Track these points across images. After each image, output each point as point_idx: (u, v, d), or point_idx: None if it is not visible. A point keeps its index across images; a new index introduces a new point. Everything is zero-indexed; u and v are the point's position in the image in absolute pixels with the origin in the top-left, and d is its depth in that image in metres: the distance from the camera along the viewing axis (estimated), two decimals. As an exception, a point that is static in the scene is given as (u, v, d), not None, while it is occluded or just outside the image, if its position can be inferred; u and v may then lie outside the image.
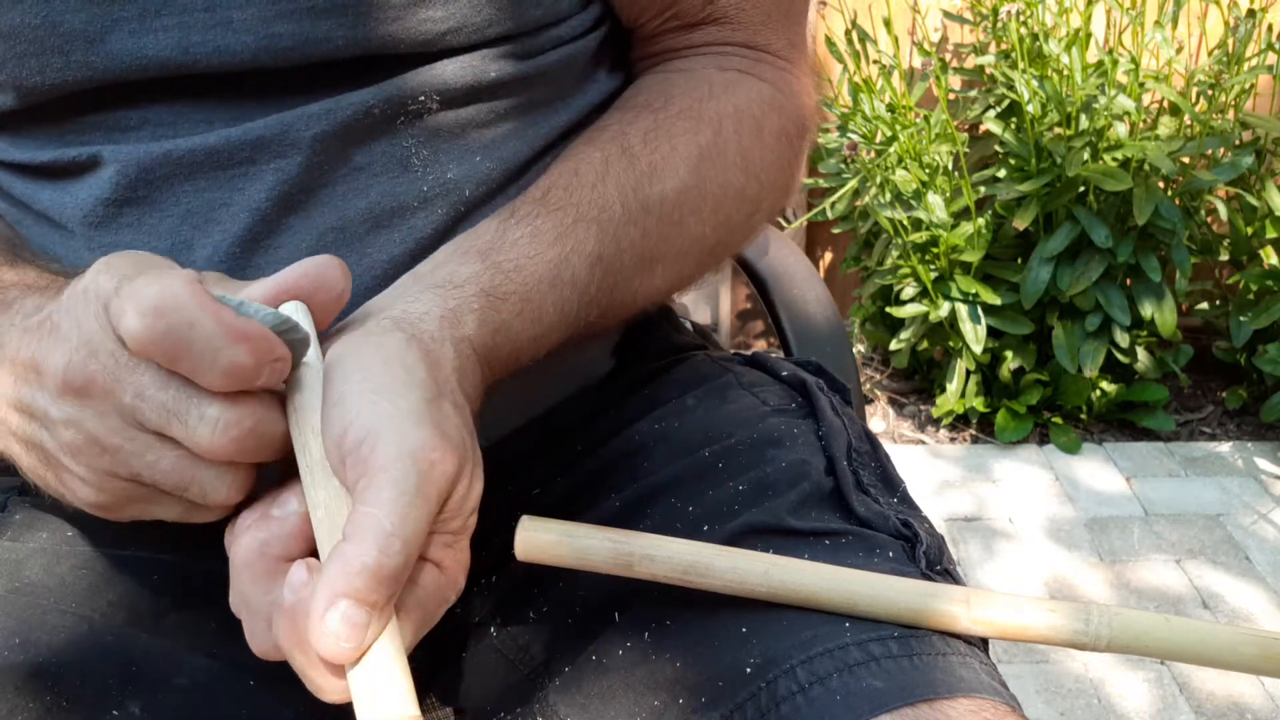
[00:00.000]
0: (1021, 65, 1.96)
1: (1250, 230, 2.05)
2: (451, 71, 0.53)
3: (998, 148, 2.06)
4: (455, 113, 0.54)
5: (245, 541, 0.40)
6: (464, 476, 0.41)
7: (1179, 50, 2.04)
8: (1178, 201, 1.99)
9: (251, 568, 0.40)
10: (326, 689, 0.38)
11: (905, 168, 1.99)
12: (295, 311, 0.42)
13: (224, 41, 0.49)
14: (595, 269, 0.52)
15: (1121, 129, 1.95)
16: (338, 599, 0.36)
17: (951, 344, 2.08)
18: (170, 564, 0.57)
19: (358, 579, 0.36)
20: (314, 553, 0.40)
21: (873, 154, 2.01)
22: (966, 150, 2.04)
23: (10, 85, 0.50)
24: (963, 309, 2.00)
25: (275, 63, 0.50)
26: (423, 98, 0.53)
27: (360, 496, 0.38)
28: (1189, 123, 2.04)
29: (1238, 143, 2.02)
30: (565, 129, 0.59)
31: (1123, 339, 2.02)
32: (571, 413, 0.64)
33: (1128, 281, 2.01)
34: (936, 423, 2.19)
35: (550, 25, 0.56)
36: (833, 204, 2.07)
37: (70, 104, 0.51)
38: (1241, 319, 2.04)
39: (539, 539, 0.47)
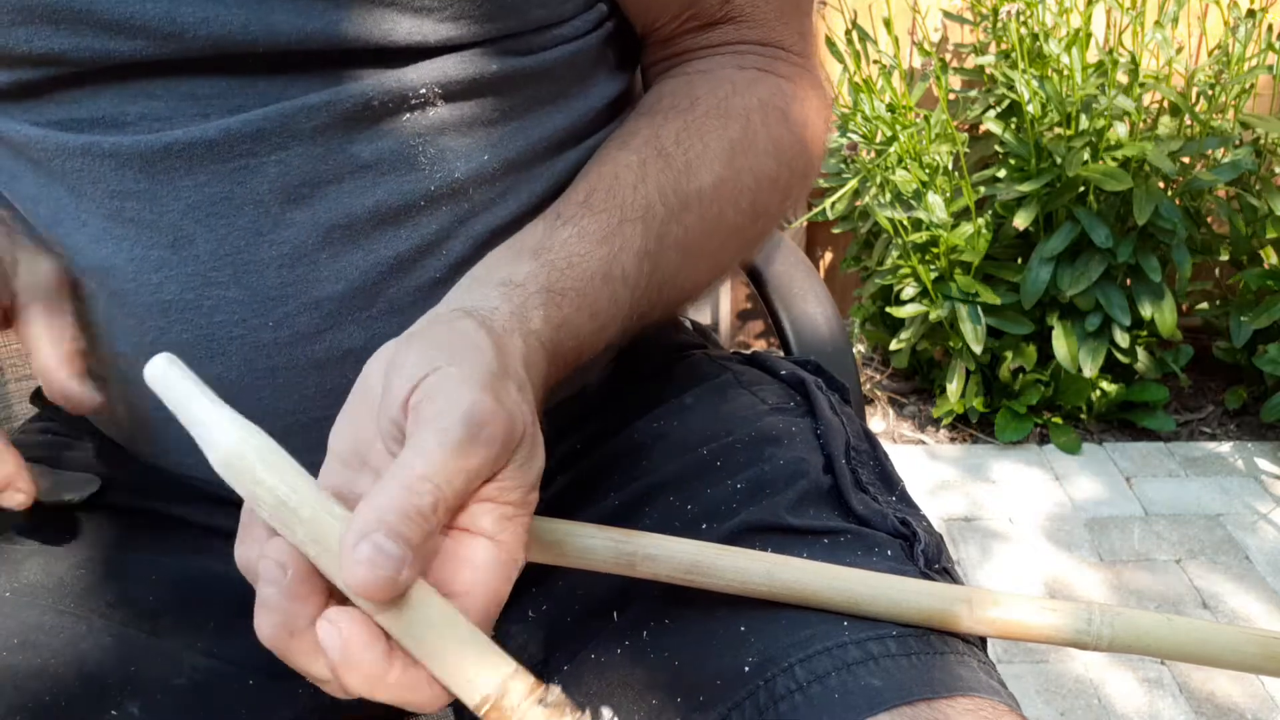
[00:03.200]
0: (1021, 65, 1.96)
1: (1250, 230, 2.05)
2: (453, 66, 0.53)
3: (998, 148, 2.06)
4: (459, 108, 0.54)
5: (267, 634, 0.38)
6: (522, 444, 0.40)
7: (1179, 50, 2.04)
8: (1178, 201, 1.99)
9: (289, 647, 0.38)
10: (359, 687, 0.37)
11: (905, 168, 1.99)
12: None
13: (213, 13, 0.48)
14: (643, 265, 0.52)
15: (1121, 129, 1.95)
16: (368, 534, 0.35)
17: (951, 344, 2.08)
18: (168, 564, 0.57)
19: (386, 513, 0.35)
20: (333, 596, 0.39)
21: (873, 154, 2.01)
22: (966, 150, 2.04)
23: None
24: (963, 309, 2.00)
25: (270, 42, 0.49)
26: (424, 91, 0.53)
27: (404, 447, 0.37)
28: (1189, 123, 2.04)
29: (1238, 143, 2.02)
30: (570, 128, 0.59)
31: (1123, 339, 2.02)
32: (571, 412, 0.64)
33: (1128, 281, 2.01)
34: (936, 423, 2.19)
35: (554, 24, 0.56)
36: (833, 204, 2.07)
37: (61, 86, 0.51)
38: (1241, 319, 2.04)
39: (541, 538, 0.47)
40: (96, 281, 0.54)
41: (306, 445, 0.45)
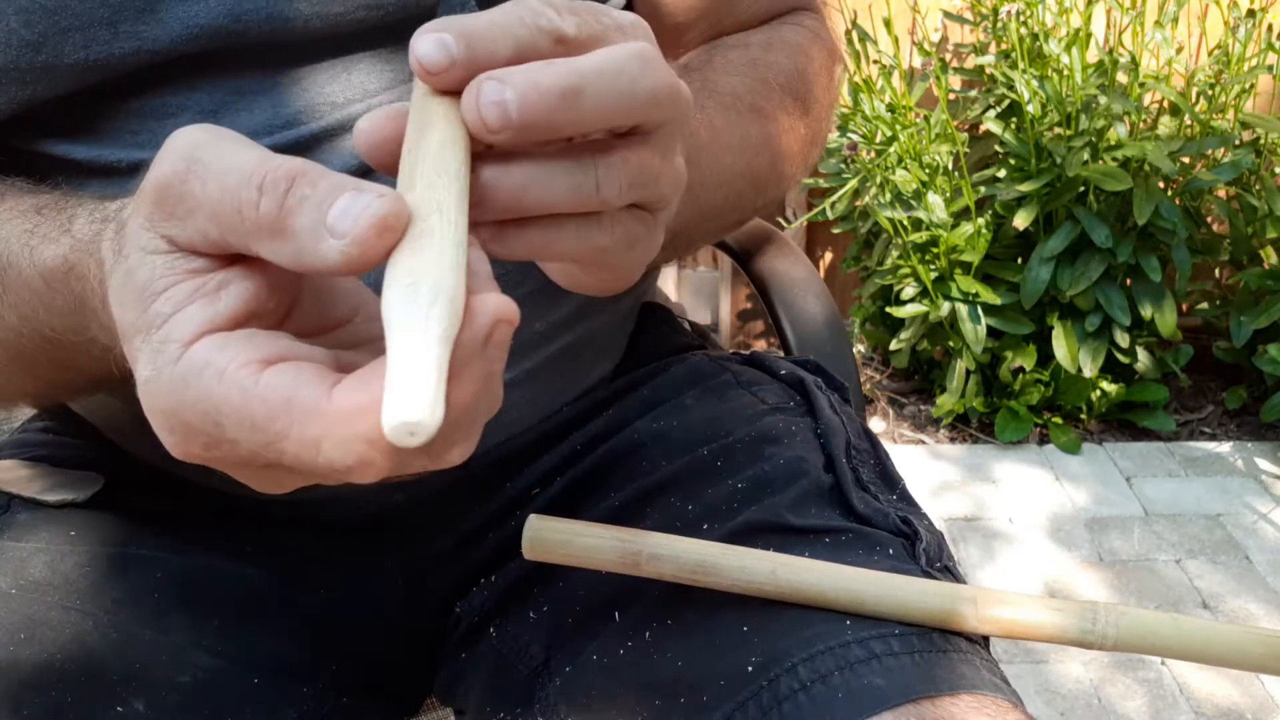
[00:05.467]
0: (1021, 65, 1.96)
1: (1250, 230, 2.05)
2: None
3: (998, 148, 2.06)
4: None
5: None
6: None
7: (1179, 50, 2.04)
8: (1178, 201, 1.99)
9: None
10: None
11: (905, 168, 1.99)
12: None
13: (276, 9, 0.48)
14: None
15: (1121, 129, 1.95)
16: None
17: (951, 344, 2.08)
18: (173, 562, 0.57)
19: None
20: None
21: (873, 154, 2.01)
22: (966, 150, 2.04)
23: (47, 69, 0.47)
24: (963, 309, 2.00)
25: (327, 30, 0.49)
26: None
27: None
28: (1189, 123, 2.04)
29: (1238, 143, 2.02)
30: None
31: (1123, 339, 2.02)
32: (572, 413, 0.64)
33: (1128, 281, 2.01)
34: (936, 423, 2.19)
35: None
36: (833, 204, 2.07)
37: (105, 95, 0.49)
38: (1241, 319, 2.04)
39: (547, 538, 0.47)
40: None
41: None
